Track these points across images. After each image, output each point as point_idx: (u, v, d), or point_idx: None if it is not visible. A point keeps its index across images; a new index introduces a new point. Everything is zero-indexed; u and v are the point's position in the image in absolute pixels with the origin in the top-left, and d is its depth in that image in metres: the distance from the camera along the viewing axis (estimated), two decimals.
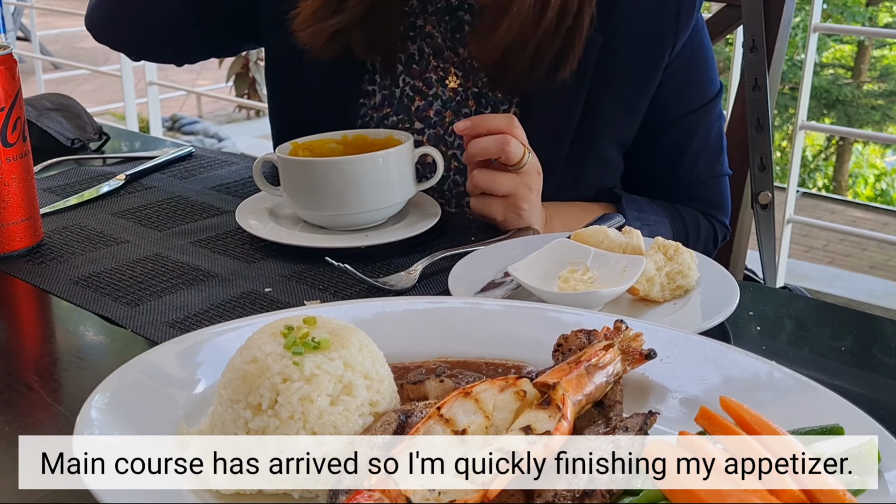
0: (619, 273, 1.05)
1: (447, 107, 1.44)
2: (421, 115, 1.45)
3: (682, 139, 1.48)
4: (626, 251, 1.09)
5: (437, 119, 1.44)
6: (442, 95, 1.44)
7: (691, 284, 1.08)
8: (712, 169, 1.53)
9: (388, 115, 1.46)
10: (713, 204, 1.53)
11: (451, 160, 1.44)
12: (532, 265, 1.07)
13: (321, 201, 1.25)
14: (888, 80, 8.21)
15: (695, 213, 1.51)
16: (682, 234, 1.47)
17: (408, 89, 1.45)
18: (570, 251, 1.10)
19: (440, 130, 1.44)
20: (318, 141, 1.35)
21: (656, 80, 1.42)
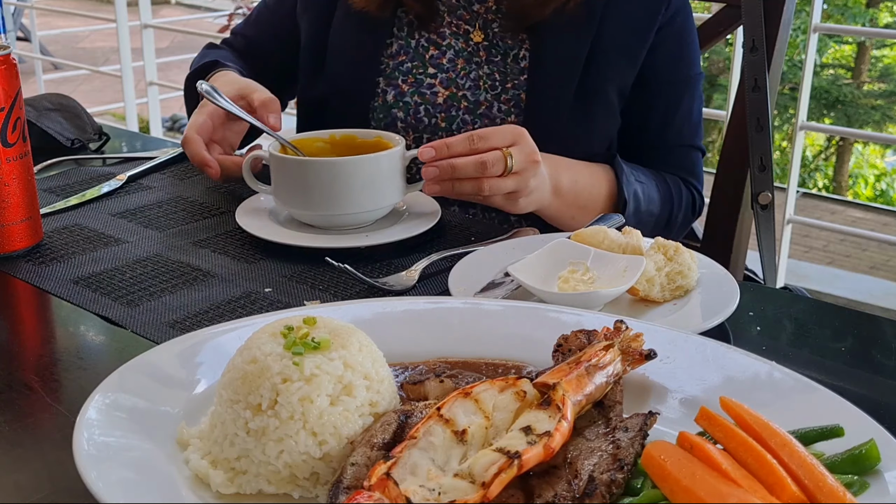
0: (619, 273, 1.05)
1: (459, 55, 1.54)
2: (435, 63, 1.54)
3: (672, 104, 1.58)
4: (626, 251, 1.09)
5: (449, 66, 1.54)
6: (455, 46, 1.54)
7: (691, 285, 1.08)
8: (694, 138, 1.62)
9: (402, 62, 1.55)
10: (693, 172, 1.62)
11: (462, 100, 1.52)
12: (532, 265, 1.07)
13: (311, 201, 1.25)
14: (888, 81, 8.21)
15: (676, 180, 1.59)
16: (667, 196, 1.55)
17: (423, 41, 1.55)
18: (570, 251, 1.10)
19: (451, 74, 1.53)
20: (306, 139, 1.36)
21: (653, 32, 1.52)
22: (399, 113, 1.53)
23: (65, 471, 0.75)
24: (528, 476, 0.69)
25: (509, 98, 1.51)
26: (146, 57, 4.83)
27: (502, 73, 1.52)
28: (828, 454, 0.71)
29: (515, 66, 1.51)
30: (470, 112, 1.52)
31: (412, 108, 1.53)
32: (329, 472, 0.72)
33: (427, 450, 0.69)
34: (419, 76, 1.54)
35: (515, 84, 1.51)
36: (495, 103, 1.51)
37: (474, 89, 1.52)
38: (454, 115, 1.53)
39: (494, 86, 1.52)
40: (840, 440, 0.71)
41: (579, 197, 1.42)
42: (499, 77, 1.52)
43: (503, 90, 1.51)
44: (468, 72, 1.53)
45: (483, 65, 1.52)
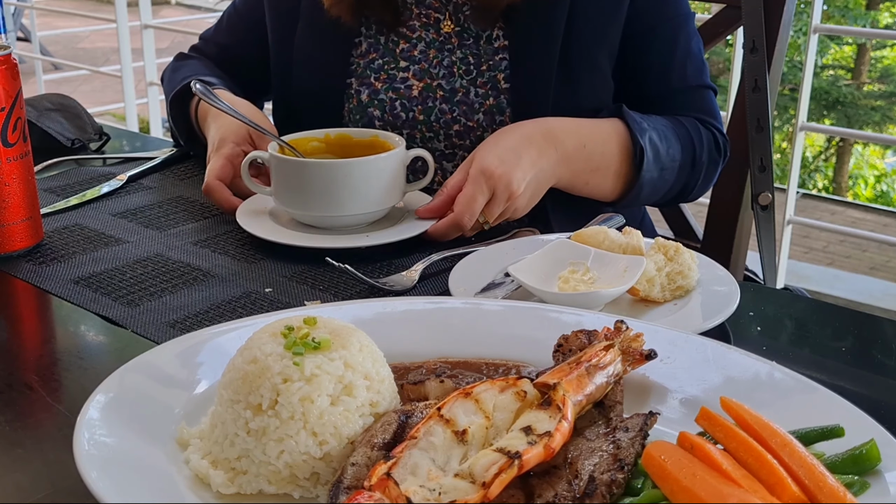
0: (620, 273, 1.05)
1: (431, 46, 1.51)
2: (406, 56, 1.51)
3: (666, 48, 1.51)
4: (627, 252, 1.09)
5: (421, 57, 1.51)
6: (426, 37, 1.51)
7: (691, 285, 1.08)
8: (700, 77, 1.55)
9: (373, 60, 1.52)
10: (709, 112, 1.55)
11: (437, 90, 1.49)
12: (532, 266, 1.07)
13: (312, 202, 1.25)
14: (888, 82, 8.21)
15: (693, 121, 1.52)
16: (686, 137, 1.48)
17: (392, 36, 1.52)
18: (571, 252, 1.10)
19: (424, 65, 1.50)
20: (301, 139, 1.36)
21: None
22: (375, 111, 1.51)
23: (65, 471, 0.75)
24: (528, 476, 0.69)
25: (486, 81, 1.47)
26: (146, 57, 4.83)
27: (476, 55, 1.48)
28: (828, 454, 0.71)
29: (489, 47, 1.48)
30: (447, 101, 1.49)
31: (387, 104, 1.50)
32: (329, 472, 0.72)
33: (427, 450, 0.69)
34: (391, 71, 1.50)
35: (491, 65, 1.47)
36: (472, 88, 1.48)
37: (449, 77, 1.49)
38: (431, 105, 1.49)
39: (469, 70, 1.48)
40: (840, 440, 0.71)
41: (591, 160, 1.37)
42: (473, 61, 1.48)
43: (478, 73, 1.48)
44: (441, 59, 1.49)
45: (455, 50, 1.49)
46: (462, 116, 1.48)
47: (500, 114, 1.47)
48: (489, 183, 1.25)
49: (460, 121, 1.48)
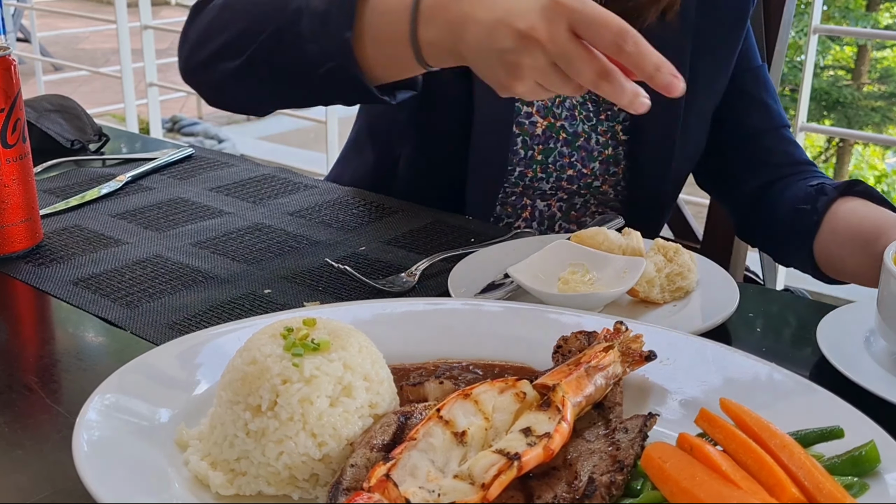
0: (619, 275, 1.05)
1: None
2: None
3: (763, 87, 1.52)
4: (626, 253, 1.09)
5: None
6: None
7: (691, 286, 1.08)
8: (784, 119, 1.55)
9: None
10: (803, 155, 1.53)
11: (560, 131, 1.43)
12: (532, 267, 1.07)
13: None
14: (888, 82, 8.21)
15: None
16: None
17: None
18: (570, 253, 1.10)
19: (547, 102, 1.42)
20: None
21: (742, 36, 1.47)
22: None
23: (64, 472, 0.75)
24: (527, 477, 0.69)
25: (605, 130, 1.43)
26: (146, 58, 4.84)
27: (594, 101, 1.43)
28: (827, 456, 0.71)
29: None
30: (568, 144, 1.43)
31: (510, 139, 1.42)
32: (329, 473, 0.72)
33: (427, 451, 0.69)
34: (516, 104, 1.41)
35: (609, 115, 1.43)
36: (593, 135, 1.43)
37: (571, 119, 1.43)
38: (552, 147, 1.43)
39: (589, 116, 1.43)
40: (840, 441, 0.71)
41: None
42: (591, 106, 1.43)
43: (598, 121, 1.43)
44: (562, 99, 1.42)
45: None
46: (579, 162, 1.44)
47: (615, 164, 1.45)
48: None
49: (576, 166, 1.45)
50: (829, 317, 1.00)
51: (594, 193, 1.48)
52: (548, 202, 1.49)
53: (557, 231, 1.51)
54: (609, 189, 1.48)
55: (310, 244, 1.27)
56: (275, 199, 1.44)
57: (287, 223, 1.34)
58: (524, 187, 1.48)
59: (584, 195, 1.49)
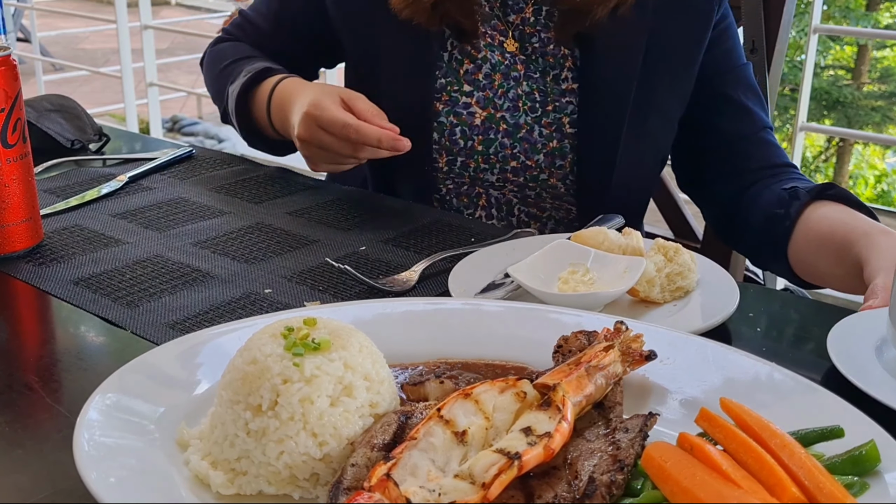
0: (620, 274, 1.05)
1: (496, 70, 1.46)
2: (470, 79, 1.46)
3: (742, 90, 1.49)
4: (626, 252, 1.09)
5: (486, 82, 1.46)
6: (491, 59, 1.46)
7: (691, 286, 1.08)
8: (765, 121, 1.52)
9: (436, 78, 1.46)
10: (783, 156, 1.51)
11: (500, 122, 1.45)
12: (532, 266, 1.07)
13: None
14: (888, 82, 8.21)
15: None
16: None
17: (456, 52, 1.47)
18: (571, 252, 1.10)
19: (489, 93, 1.45)
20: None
21: (709, 31, 1.45)
22: (434, 134, 1.46)
23: (65, 471, 0.75)
24: (528, 477, 0.69)
25: (550, 122, 1.44)
26: (146, 58, 4.84)
27: (542, 92, 1.44)
28: (828, 455, 0.71)
29: (556, 87, 1.43)
30: (509, 135, 1.45)
31: (447, 128, 1.45)
32: (329, 472, 0.72)
33: (427, 451, 0.69)
34: (454, 94, 1.45)
35: (557, 107, 1.44)
36: (536, 126, 1.44)
37: (513, 111, 1.45)
38: (492, 138, 1.45)
39: (534, 108, 1.44)
40: (840, 441, 0.71)
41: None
42: (539, 97, 1.44)
43: (543, 113, 1.44)
44: (506, 90, 1.45)
45: (521, 81, 1.45)
46: (522, 154, 1.45)
47: (561, 158, 1.45)
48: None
49: (519, 158, 1.45)
50: (840, 325, 0.99)
51: (543, 187, 1.48)
52: (500, 192, 1.50)
53: (517, 215, 1.52)
54: (557, 182, 1.47)
55: (310, 244, 1.27)
56: (275, 199, 1.44)
57: (287, 223, 1.34)
58: (471, 178, 1.49)
59: (533, 188, 1.48)
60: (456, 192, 1.51)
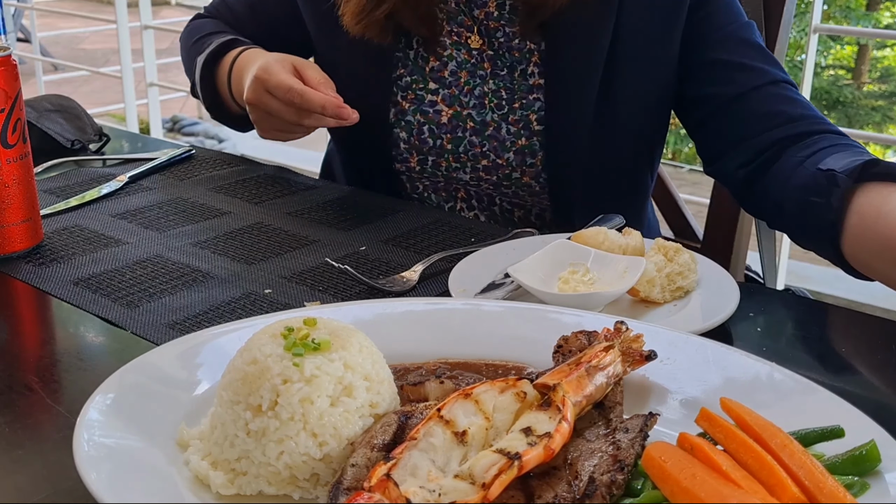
0: (620, 274, 1.05)
1: (462, 67, 1.44)
2: (436, 76, 1.45)
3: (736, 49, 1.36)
4: (627, 252, 1.09)
5: (451, 80, 1.45)
6: (457, 57, 1.44)
7: (691, 286, 1.08)
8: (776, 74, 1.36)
9: (401, 76, 1.45)
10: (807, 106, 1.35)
11: (467, 120, 1.44)
12: (532, 266, 1.07)
13: None
14: (889, 82, 8.21)
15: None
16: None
17: (421, 50, 1.45)
18: (571, 252, 1.10)
19: (455, 90, 1.44)
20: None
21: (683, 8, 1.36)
22: (401, 133, 1.45)
23: (65, 472, 0.75)
24: (528, 477, 0.69)
25: (518, 119, 1.41)
26: (146, 58, 4.84)
27: (509, 89, 1.41)
28: (828, 455, 0.71)
29: (524, 83, 1.40)
30: (477, 133, 1.43)
31: (415, 127, 1.44)
32: (329, 473, 0.72)
33: (427, 451, 0.69)
34: (419, 92, 1.44)
35: (523, 104, 1.41)
36: (503, 124, 1.42)
37: (479, 108, 1.43)
38: (460, 136, 1.43)
39: (501, 105, 1.42)
40: (840, 441, 0.71)
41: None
42: (505, 94, 1.41)
43: (510, 110, 1.41)
44: (472, 87, 1.43)
45: (488, 79, 1.42)
46: (492, 152, 1.43)
47: (531, 156, 1.42)
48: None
49: (489, 156, 1.43)
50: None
51: (517, 185, 1.45)
52: (477, 189, 1.49)
53: (500, 204, 1.51)
54: (531, 181, 1.44)
55: (310, 244, 1.27)
56: (275, 199, 1.44)
57: (287, 223, 1.34)
58: (444, 177, 1.48)
59: (507, 186, 1.46)
60: (433, 188, 1.51)
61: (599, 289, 1.04)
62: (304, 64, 1.37)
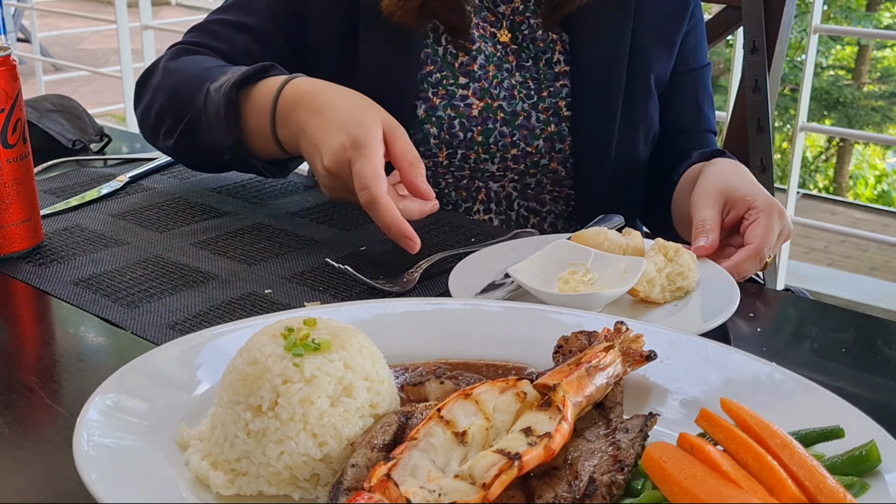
0: (620, 274, 1.05)
1: (490, 61, 1.46)
2: (465, 71, 1.46)
3: (700, 90, 1.58)
4: (627, 252, 1.09)
5: (480, 73, 1.46)
6: (485, 50, 1.46)
7: (691, 286, 1.08)
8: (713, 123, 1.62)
9: (431, 73, 1.46)
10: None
11: (498, 111, 1.46)
12: (532, 267, 1.07)
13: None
14: (888, 82, 8.21)
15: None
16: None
17: (451, 48, 1.46)
18: (571, 253, 1.10)
19: (484, 83, 1.46)
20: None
21: (687, 17, 1.51)
22: (432, 129, 1.44)
23: (65, 472, 0.75)
24: (528, 477, 0.69)
25: (547, 107, 1.46)
26: (147, 58, 4.84)
27: (536, 79, 1.46)
28: (828, 455, 0.71)
29: (549, 72, 1.46)
30: (507, 123, 1.45)
31: (445, 122, 1.44)
32: (329, 473, 0.72)
33: (427, 451, 0.69)
34: (450, 87, 1.45)
35: (551, 91, 1.46)
36: (533, 112, 1.45)
37: (510, 99, 1.45)
38: (491, 127, 1.45)
39: (530, 95, 1.46)
40: (840, 441, 0.71)
41: None
42: (533, 85, 1.46)
43: (539, 99, 1.46)
44: (501, 80, 1.45)
45: (515, 71, 1.46)
46: (521, 141, 1.46)
47: (560, 141, 1.47)
48: (781, 219, 1.22)
49: (519, 145, 1.46)
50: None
51: (544, 172, 1.49)
52: (500, 184, 1.51)
53: (517, 209, 1.52)
54: (558, 167, 1.49)
55: (310, 244, 1.27)
56: (275, 199, 1.44)
57: (287, 223, 1.34)
58: (471, 170, 1.49)
59: (534, 174, 1.49)
60: (455, 186, 1.51)
61: (600, 289, 1.04)
62: (394, 130, 1.18)
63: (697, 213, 1.23)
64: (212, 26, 1.52)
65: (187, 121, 1.37)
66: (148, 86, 1.49)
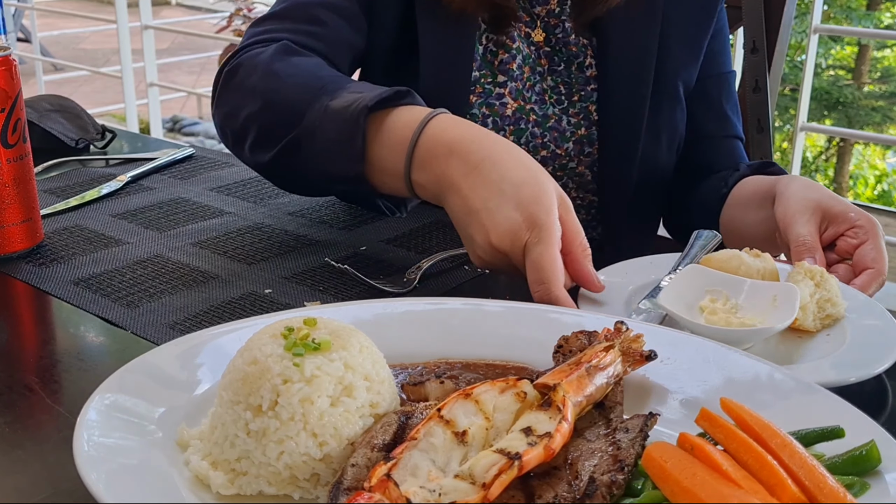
0: (769, 302, 0.99)
1: (526, 62, 1.46)
2: (504, 69, 1.45)
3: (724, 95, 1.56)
4: (764, 277, 1.03)
5: (518, 73, 1.46)
6: (523, 50, 1.46)
7: (840, 313, 1.02)
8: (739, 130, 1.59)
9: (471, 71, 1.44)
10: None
11: (530, 113, 1.46)
12: (668, 293, 1.00)
13: None
14: (889, 82, 8.21)
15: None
16: None
17: (490, 45, 1.46)
18: (705, 279, 1.03)
19: (519, 84, 1.45)
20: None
21: (713, 22, 1.51)
22: None
23: (65, 472, 0.75)
24: (528, 477, 0.69)
25: (577, 111, 1.46)
26: (147, 58, 4.84)
27: (567, 84, 1.46)
28: (828, 455, 0.71)
29: (581, 76, 1.46)
30: (539, 125, 1.45)
31: (479, 119, 1.44)
32: (329, 473, 0.72)
33: (427, 451, 0.69)
34: (487, 86, 1.44)
35: (582, 96, 1.46)
36: (563, 117, 1.46)
37: (541, 103, 1.46)
38: (523, 128, 1.45)
39: (560, 99, 1.46)
40: (841, 441, 0.71)
41: None
42: (564, 90, 1.46)
43: (570, 103, 1.46)
44: (534, 83, 1.46)
45: (546, 75, 1.46)
46: (552, 143, 1.46)
47: (589, 145, 1.47)
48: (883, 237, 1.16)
49: (549, 147, 1.46)
50: None
51: (570, 175, 1.49)
52: None
53: None
54: (585, 170, 1.49)
55: (310, 244, 1.27)
56: (275, 199, 1.44)
57: (287, 223, 1.34)
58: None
59: (559, 177, 1.49)
60: None
61: (745, 317, 0.98)
62: (565, 202, 1.05)
63: (795, 228, 1.16)
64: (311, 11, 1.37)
65: (291, 138, 1.18)
66: (240, 84, 1.27)
